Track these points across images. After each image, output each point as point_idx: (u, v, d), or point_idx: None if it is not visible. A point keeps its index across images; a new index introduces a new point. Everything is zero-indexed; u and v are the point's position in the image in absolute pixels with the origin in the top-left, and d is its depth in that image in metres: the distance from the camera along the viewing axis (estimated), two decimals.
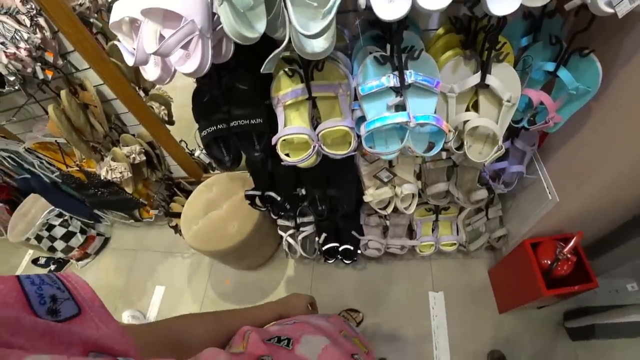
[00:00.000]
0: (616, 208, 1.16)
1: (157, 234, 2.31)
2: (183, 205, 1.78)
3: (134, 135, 1.75)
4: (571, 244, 1.20)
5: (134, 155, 1.66)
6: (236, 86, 1.03)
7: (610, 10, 0.69)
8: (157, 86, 1.79)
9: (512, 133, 1.11)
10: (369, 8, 0.70)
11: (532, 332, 1.59)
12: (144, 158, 1.72)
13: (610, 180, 0.97)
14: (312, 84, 0.94)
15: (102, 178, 1.62)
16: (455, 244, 1.53)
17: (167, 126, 1.79)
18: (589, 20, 0.80)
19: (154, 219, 2.19)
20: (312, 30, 0.69)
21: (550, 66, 0.86)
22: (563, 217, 1.21)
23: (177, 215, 1.89)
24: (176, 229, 2.05)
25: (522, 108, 0.97)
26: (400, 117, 0.81)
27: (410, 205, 1.18)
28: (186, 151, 1.95)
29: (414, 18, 0.97)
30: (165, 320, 0.55)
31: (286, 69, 0.95)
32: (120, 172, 1.62)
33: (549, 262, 1.25)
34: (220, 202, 1.72)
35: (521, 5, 0.66)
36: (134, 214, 2.16)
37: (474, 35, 0.86)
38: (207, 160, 2.03)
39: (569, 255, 1.22)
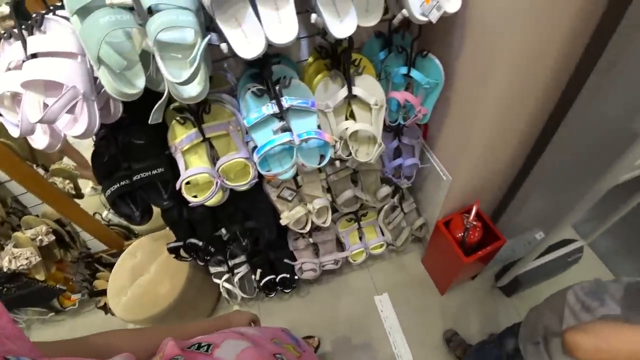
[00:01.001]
0: (499, 167, 1.35)
1: (85, 321, 2.08)
2: (108, 280, 1.67)
3: (37, 215, 1.63)
4: (473, 212, 1.36)
5: (40, 237, 1.54)
6: (133, 142, 1.05)
7: (425, 19, 0.84)
8: (62, 160, 1.70)
9: (396, 132, 1.26)
10: (233, 52, 0.78)
11: (474, 301, 1.74)
12: (53, 238, 1.60)
13: (481, 146, 1.14)
14: (204, 126, 1.00)
15: (4, 270, 1.47)
16: (383, 244, 1.63)
17: (78, 200, 1.70)
18: (419, 29, 0.97)
19: (77, 305, 1.99)
20: (182, 77, 0.75)
21: (403, 70, 1.02)
22: (461, 191, 1.38)
23: (104, 292, 1.77)
24: (105, 308, 1.90)
25: (395, 109, 1.11)
26: (284, 138, 0.89)
27: (326, 219, 1.25)
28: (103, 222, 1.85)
29: (286, 54, 1.08)
30: (89, 335, 0.52)
31: (177, 118, 1.00)
32: (27, 259, 1.48)
33: (461, 234, 1.40)
34: (146, 266, 1.65)
35: (372, 26, 0.81)
36: (52, 304, 1.95)
37: (337, 58, 0.99)
38: (116, 219, 1.94)
39: (474, 223, 1.38)
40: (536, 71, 0.97)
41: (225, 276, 1.61)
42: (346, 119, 1.03)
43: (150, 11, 0.76)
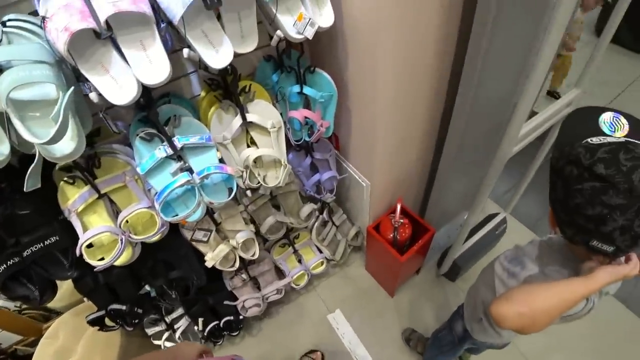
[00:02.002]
0: (411, 162, 1.41)
1: None
2: None
3: None
4: (397, 211, 1.41)
5: None
6: (17, 213, 0.94)
7: (301, 36, 0.87)
8: None
9: (307, 150, 1.27)
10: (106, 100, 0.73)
11: (423, 295, 1.79)
12: None
13: (387, 146, 1.19)
14: (97, 182, 0.93)
15: None
16: (323, 262, 1.62)
17: None
18: (301, 47, 0.99)
19: None
20: (47, 137, 0.69)
21: (297, 88, 1.04)
22: (382, 193, 1.42)
23: None
24: None
25: (298, 128, 1.12)
26: (182, 179, 0.85)
27: (254, 251, 1.22)
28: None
29: (176, 91, 1.05)
30: None
31: (65, 178, 0.92)
32: None
33: (392, 235, 1.43)
34: (72, 346, 1.46)
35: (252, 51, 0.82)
36: None
37: (228, 88, 0.98)
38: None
39: (401, 221, 1.43)
40: (418, 67, 1.05)
41: (165, 335, 1.48)
42: (248, 146, 1.01)
43: (1, 69, 0.69)
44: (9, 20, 0.76)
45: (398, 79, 1.02)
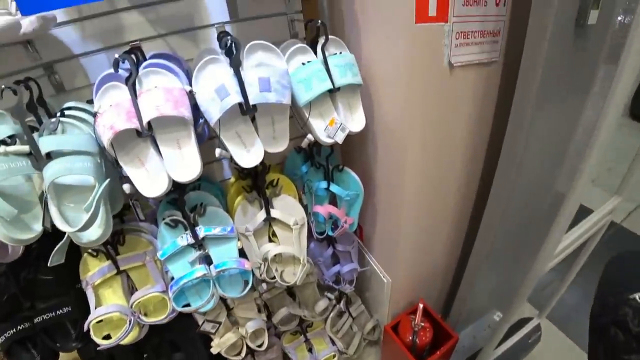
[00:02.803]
0: (437, 260, 1.34)
1: None
2: None
3: None
4: (418, 313, 1.31)
5: None
6: (39, 278, 0.97)
7: (331, 140, 0.88)
8: None
9: (330, 240, 1.24)
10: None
11: None
12: None
13: (411, 242, 1.15)
14: (119, 258, 0.94)
15: None
16: (335, 355, 1.52)
17: None
18: (331, 147, 1.01)
19: None
20: (78, 225, 0.72)
21: (324, 184, 1.04)
22: (403, 291, 1.34)
23: None
24: None
25: (322, 221, 1.11)
26: (198, 272, 0.85)
27: (263, 341, 1.16)
28: None
29: (209, 174, 1.09)
30: None
31: (89, 250, 0.94)
32: None
33: (410, 338, 1.32)
34: None
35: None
36: None
37: (256, 178, 1.00)
38: None
39: (422, 324, 1.32)
40: (447, 164, 1.04)
41: None
42: (269, 239, 1.01)
43: (50, 155, 0.75)
44: (68, 108, 0.84)
45: (426, 178, 1.02)
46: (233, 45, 0.76)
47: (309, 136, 0.87)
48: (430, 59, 0.85)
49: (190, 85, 0.78)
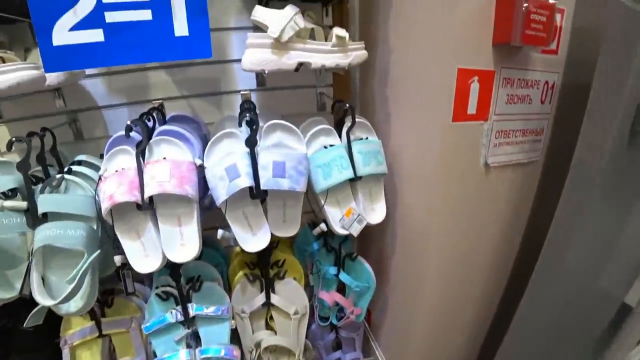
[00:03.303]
0: (452, 356, 1.19)
1: None
2: None
3: None
4: None
5: None
6: (18, 328, 0.90)
7: (345, 232, 0.81)
8: None
9: (333, 326, 1.13)
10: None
11: None
12: None
13: (424, 336, 1.02)
14: (104, 321, 0.88)
15: None
16: None
17: None
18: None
19: None
20: (57, 297, 0.67)
21: (333, 270, 0.95)
22: None
23: None
24: None
25: (327, 306, 1.01)
26: (182, 357, 0.76)
27: None
28: None
29: (213, 238, 1.02)
30: None
31: None
32: None
33: None
34: None
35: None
36: None
37: (260, 255, 0.93)
38: None
39: None
40: (472, 265, 0.94)
41: None
42: (266, 323, 0.92)
43: (46, 215, 0.71)
44: (79, 163, 0.81)
45: (449, 273, 0.91)
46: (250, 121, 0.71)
47: (322, 226, 0.80)
48: (465, 159, 0.78)
49: (203, 156, 0.74)
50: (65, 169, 0.76)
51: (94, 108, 0.88)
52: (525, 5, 0.66)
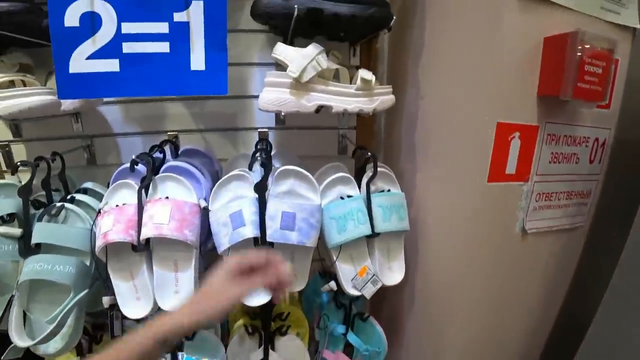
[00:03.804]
0: None
1: None
2: None
3: None
4: None
5: None
6: None
7: (357, 293, 0.72)
8: None
9: None
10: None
11: None
12: None
13: None
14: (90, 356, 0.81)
15: None
16: None
17: None
18: None
19: None
20: (35, 337, 0.61)
21: (341, 329, 0.86)
22: None
23: None
24: None
25: None
26: None
27: None
28: None
29: None
30: None
31: None
32: None
33: None
34: None
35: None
36: None
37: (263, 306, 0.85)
38: None
39: None
40: (505, 328, 0.83)
41: None
42: None
43: (39, 246, 0.67)
44: (84, 190, 0.78)
45: (472, 343, 0.80)
46: (263, 165, 0.66)
47: (332, 284, 0.72)
48: (500, 223, 0.69)
49: (209, 198, 0.68)
50: (69, 197, 0.73)
51: (109, 135, 0.86)
52: (578, 54, 0.59)
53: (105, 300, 0.66)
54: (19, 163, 0.69)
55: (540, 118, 0.66)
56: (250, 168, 0.67)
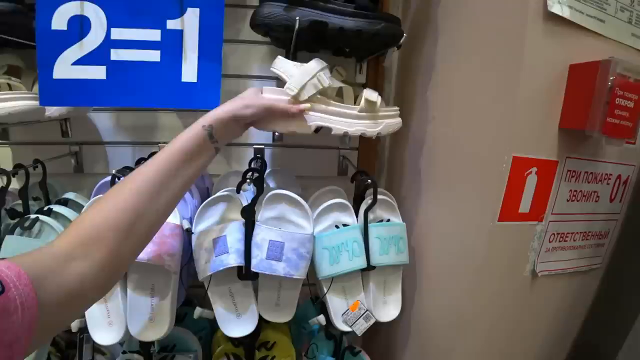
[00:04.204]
0: None
1: None
2: None
3: None
4: None
5: None
6: None
7: (347, 329, 0.67)
8: None
9: None
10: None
11: None
12: None
13: None
14: None
15: None
16: None
17: None
18: None
19: None
20: None
21: None
22: None
23: None
24: None
25: None
26: None
27: None
28: None
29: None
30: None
31: None
32: None
33: None
34: None
35: None
36: None
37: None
38: None
39: None
40: None
41: None
42: None
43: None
44: (65, 201, 0.74)
45: None
46: (253, 187, 0.61)
47: (321, 318, 0.66)
48: (508, 264, 0.62)
49: (193, 220, 0.63)
50: (45, 209, 0.69)
51: (97, 143, 0.82)
52: (609, 85, 0.53)
53: (74, 325, 0.61)
54: None
55: (561, 152, 0.60)
56: (238, 190, 0.61)
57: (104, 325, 0.62)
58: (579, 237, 0.70)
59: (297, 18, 0.58)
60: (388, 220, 0.69)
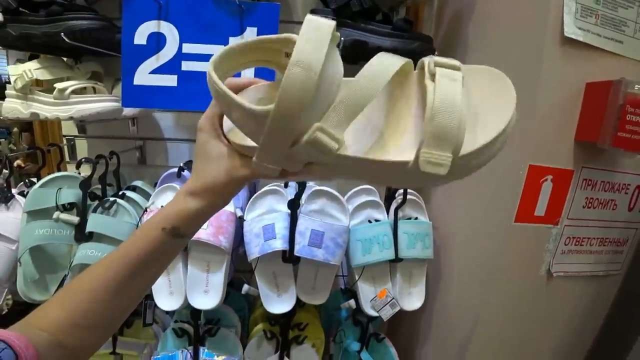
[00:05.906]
0: None
1: None
2: None
3: None
4: None
5: None
6: None
7: (374, 314, 0.75)
8: None
9: None
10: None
11: None
12: None
13: None
14: (120, 340, 0.88)
15: None
16: None
17: None
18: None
19: None
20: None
21: (356, 346, 0.88)
22: None
23: None
24: None
25: None
26: None
27: None
28: None
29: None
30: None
31: None
32: None
33: None
34: None
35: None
36: None
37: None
38: None
39: None
40: None
41: None
42: None
43: (91, 234, 0.75)
44: (133, 188, 0.86)
45: None
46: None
47: (352, 302, 0.75)
48: (524, 263, 0.68)
49: (245, 207, 0.74)
50: (120, 193, 0.81)
51: (159, 139, 0.94)
52: (620, 103, 0.58)
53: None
54: (83, 159, 0.77)
55: (577, 162, 0.66)
56: (285, 186, 0.71)
57: (166, 294, 0.73)
58: (596, 242, 0.75)
59: (342, 38, 0.67)
60: (416, 218, 0.76)
